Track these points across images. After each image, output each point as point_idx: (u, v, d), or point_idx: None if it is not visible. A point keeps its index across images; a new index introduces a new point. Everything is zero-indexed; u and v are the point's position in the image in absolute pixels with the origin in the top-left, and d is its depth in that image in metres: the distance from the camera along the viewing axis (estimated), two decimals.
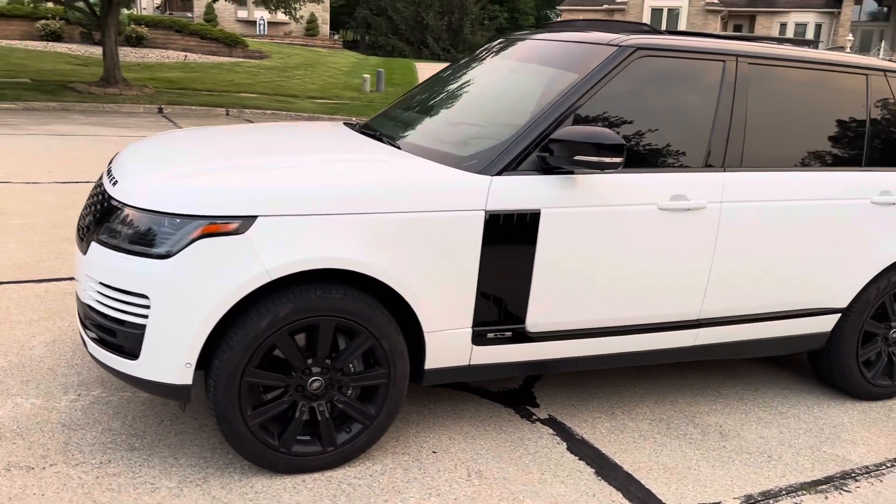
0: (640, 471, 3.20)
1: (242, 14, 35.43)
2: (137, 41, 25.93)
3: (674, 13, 34.63)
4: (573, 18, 3.69)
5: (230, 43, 27.35)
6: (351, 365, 2.96)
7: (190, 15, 35.98)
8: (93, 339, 2.88)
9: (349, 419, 3.00)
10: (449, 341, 3.06)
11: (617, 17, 34.92)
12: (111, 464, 2.93)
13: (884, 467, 3.41)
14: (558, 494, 2.98)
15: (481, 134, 3.25)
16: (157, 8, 35.70)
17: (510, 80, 3.66)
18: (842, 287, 3.76)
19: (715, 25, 34.84)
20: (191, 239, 2.64)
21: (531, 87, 3.43)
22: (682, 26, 34.80)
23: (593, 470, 3.18)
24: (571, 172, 3.10)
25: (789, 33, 38.19)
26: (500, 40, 4.09)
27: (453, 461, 3.15)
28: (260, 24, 35.28)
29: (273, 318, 2.73)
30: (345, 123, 4.00)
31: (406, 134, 3.51)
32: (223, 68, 24.13)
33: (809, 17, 37.19)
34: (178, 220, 2.66)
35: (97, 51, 21.37)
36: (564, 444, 3.37)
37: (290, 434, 2.90)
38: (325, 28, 41.65)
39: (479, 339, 3.11)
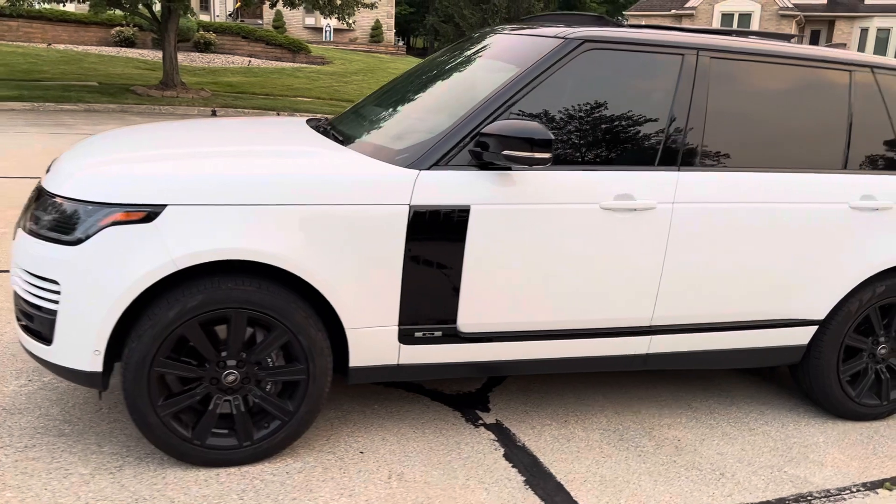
0: (573, 482, 3.06)
1: (310, 21, 36.14)
2: (206, 47, 26.71)
3: (745, 18, 33.61)
4: (556, 13, 3.59)
5: (294, 49, 27.90)
6: (269, 359, 2.92)
7: (260, 22, 36.92)
8: (20, 325, 2.93)
9: (268, 414, 2.96)
10: (374, 339, 2.99)
11: (685, 22, 34.15)
12: (34, 448, 2.97)
13: (847, 491, 3.17)
14: (477, 502, 2.87)
15: (421, 129, 3.17)
16: (230, 15, 36.72)
17: (465, 75, 3.57)
18: (818, 297, 3.52)
19: (790, 30, 33.59)
20: (100, 226, 2.66)
21: (481, 82, 3.33)
22: None
23: (523, 478, 3.05)
24: (506, 168, 2.99)
25: (870, 38, 36.55)
26: (475, 34, 3.99)
27: (378, 462, 3.07)
28: (326, 31, 35.91)
29: (181, 308, 2.72)
30: (307, 120, 3.98)
31: (357, 129, 3.46)
32: (284, 73, 24.62)
33: (892, 22, 35.52)
34: (90, 208, 2.68)
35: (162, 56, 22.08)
36: (503, 450, 3.25)
37: (203, 426, 2.88)
38: (389, 35, 42.09)
39: (406, 338, 3.02)
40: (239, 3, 28.16)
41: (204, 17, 36.51)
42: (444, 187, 2.93)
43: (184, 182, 2.71)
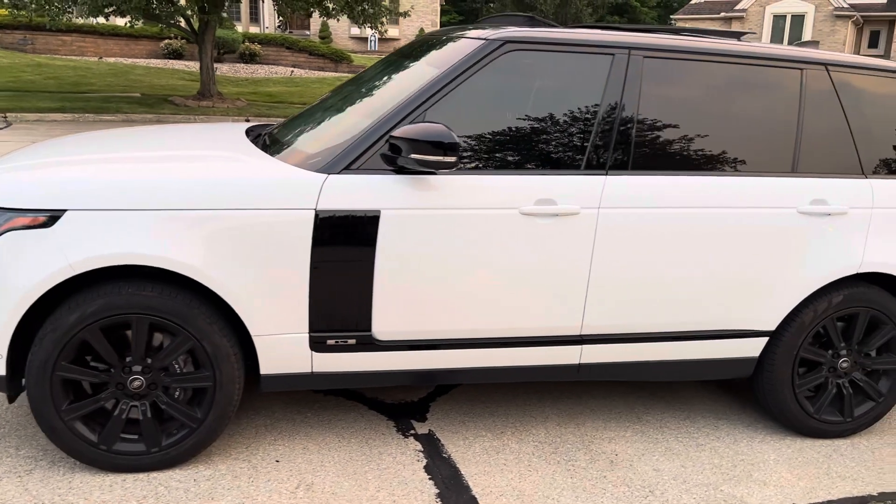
0: (488, 495, 2.96)
1: (356, 31, 36.53)
2: (251, 58, 27.23)
3: (798, 19, 32.64)
4: (506, 14, 3.52)
5: (336, 58, 28.24)
6: (177, 365, 2.90)
7: (308, 33, 37.50)
8: None
9: (177, 421, 2.95)
10: (284, 346, 2.95)
11: (735, 25, 33.38)
12: None
13: None
14: None
15: (341, 133, 3.12)
16: (278, 27, 37.44)
17: (395, 80, 3.50)
18: (766, 307, 3.34)
19: (845, 31, 32.54)
20: (2, 230, 2.68)
21: (406, 86, 3.27)
22: (807, 33, 32.74)
23: (437, 491, 2.96)
24: (421, 173, 2.93)
25: None
26: (418, 40, 3.94)
27: (291, 472, 3.03)
28: (371, 41, 36.23)
29: (82, 313, 2.72)
30: (253, 126, 3.97)
31: (287, 135, 3.43)
32: (325, 83, 24.91)
33: None
34: None
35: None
36: (425, 461, 3.17)
37: (110, 432, 2.88)
38: None
39: (318, 345, 2.98)
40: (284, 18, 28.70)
41: (254, 30, 37.28)
42: (353, 192, 2.88)
43: (83, 187, 2.72)
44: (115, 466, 2.92)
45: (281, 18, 27.61)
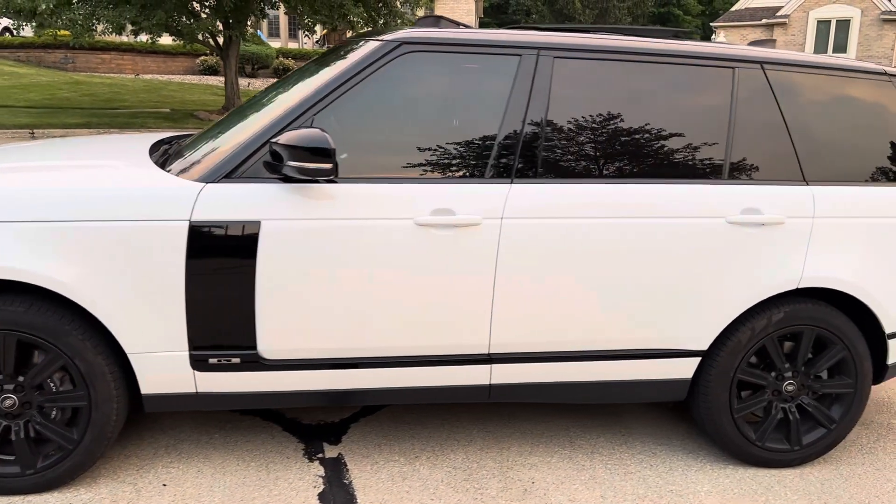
0: None
1: None
2: (284, 73, 27.54)
3: (843, 25, 31.61)
4: (431, 16, 3.36)
5: None
6: (52, 384, 2.79)
7: None
8: None
9: (53, 442, 2.83)
10: (163, 365, 2.81)
11: (777, 31, 32.49)
12: None
13: None
14: None
15: (229, 141, 2.97)
16: (317, 42, 37.88)
17: (298, 85, 3.34)
18: (695, 326, 3.08)
19: (893, 36, 31.38)
20: None
21: (302, 90, 3.11)
22: (853, 38, 31.68)
23: None
24: (300, 180, 2.76)
25: None
26: (335, 45, 3.78)
27: (174, 497, 2.88)
28: None
29: None
30: (163, 139, 3.84)
31: (189, 145, 3.29)
32: None
33: None
34: None
35: (242, 83, 22.87)
36: (322, 487, 2.99)
37: None
38: None
39: (200, 364, 2.83)
40: (326, 31, 28.89)
41: (293, 45, 37.76)
42: (231, 201, 2.73)
43: None
44: None
45: (323, 32, 27.84)
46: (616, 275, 2.97)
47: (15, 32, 24.10)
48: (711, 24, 36.63)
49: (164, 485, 2.96)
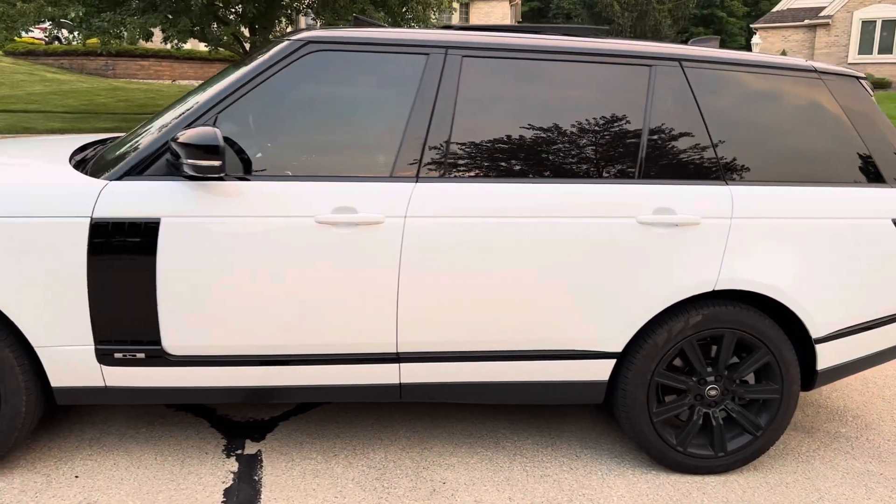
0: None
1: None
2: None
3: (889, 25, 30.65)
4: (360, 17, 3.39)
5: None
6: None
7: None
8: None
9: None
10: (69, 359, 2.87)
11: (820, 32, 31.66)
12: None
13: None
14: None
15: (141, 139, 3.03)
16: None
17: (216, 83, 3.39)
18: (608, 327, 3.03)
19: None
20: None
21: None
22: None
23: None
24: (197, 178, 2.80)
25: None
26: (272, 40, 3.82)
27: (82, 489, 2.94)
28: None
29: None
30: (96, 140, 3.92)
31: (114, 145, 3.35)
32: None
33: None
34: None
35: None
36: (230, 483, 3.02)
37: None
38: None
39: (106, 358, 2.88)
40: None
41: None
42: (133, 198, 2.79)
43: None
44: None
45: None
46: (523, 275, 2.94)
47: (60, 40, 24.84)
48: (751, 25, 35.92)
49: (77, 476, 3.02)
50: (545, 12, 59.20)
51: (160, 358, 2.90)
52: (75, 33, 15.14)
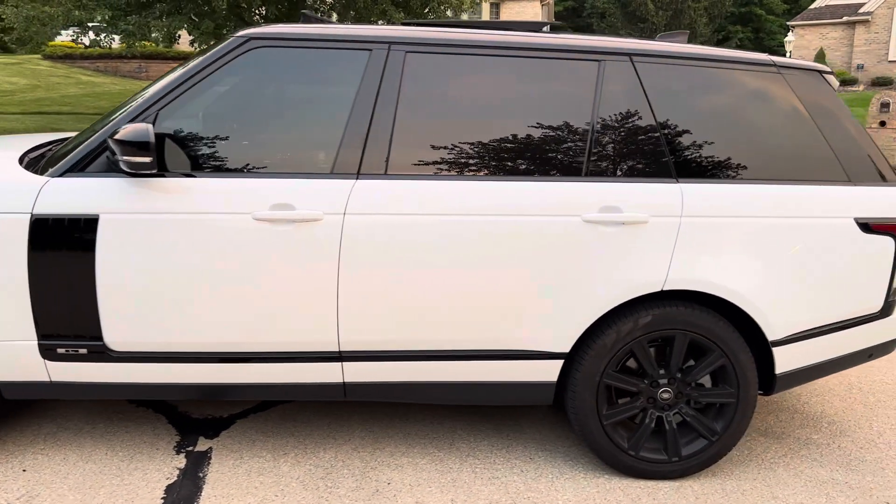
0: None
1: None
2: None
3: None
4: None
5: None
6: None
7: None
8: None
9: None
10: (13, 353, 2.90)
11: (859, 29, 30.86)
12: None
13: None
14: None
15: (87, 137, 3.04)
16: None
17: (161, 80, 3.40)
18: (554, 327, 2.97)
19: None
20: None
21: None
22: None
23: None
24: (132, 174, 2.81)
25: None
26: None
27: (27, 482, 2.97)
28: None
29: None
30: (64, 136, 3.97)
31: (67, 142, 3.38)
32: None
33: None
34: None
35: None
36: (174, 480, 3.03)
37: None
38: None
39: (49, 353, 2.91)
40: None
41: None
42: (72, 195, 2.81)
43: None
44: None
45: None
46: (465, 273, 2.90)
47: (85, 44, 25.37)
48: (788, 23, 35.22)
49: (24, 470, 3.05)
50: (579, 11, 58.76)
51: (102, 354, 2.91)
52: (102, 36, 15.43)
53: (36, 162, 3.14)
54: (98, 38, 15.23)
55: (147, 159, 2.68)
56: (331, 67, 2.95)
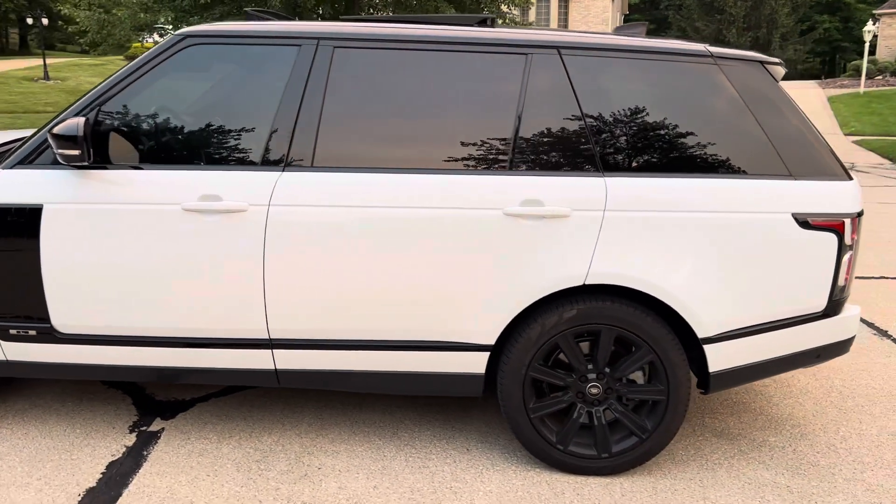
0: (136, 494, 2.92)
1: None
2: None
3: None
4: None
5: None
6: None
7: None
8: None
9: None
10: None
11: None
12: None
13: None
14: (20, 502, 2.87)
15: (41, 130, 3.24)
16: None
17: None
18: (478, 319, 2.98)
19: None
20: None
21: None
22: None
23: (90, 486, 2.98)
24: (67, 166, 2.98)
25: None
26: None
27: None
28: None
29: None
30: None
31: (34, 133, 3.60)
32: None
33: None
34: None
35: None
36: (118, 457, 3.19)
37: None
38: None
39: (3, 333, 3.12)
40: None
41: None
42: (18, 186, 3.00)
43: None
44: None
45: None
46: (389, 265, 2.95)
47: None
48: (874, 11, 33.57)
49: None
50: (657, 4, 57.52)
51: (50, 335, 3.10)
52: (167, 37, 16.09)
53: (1, 156, 3.36)
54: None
55: (76, 152, 2.83)
56: (262, 63, 3.05)
